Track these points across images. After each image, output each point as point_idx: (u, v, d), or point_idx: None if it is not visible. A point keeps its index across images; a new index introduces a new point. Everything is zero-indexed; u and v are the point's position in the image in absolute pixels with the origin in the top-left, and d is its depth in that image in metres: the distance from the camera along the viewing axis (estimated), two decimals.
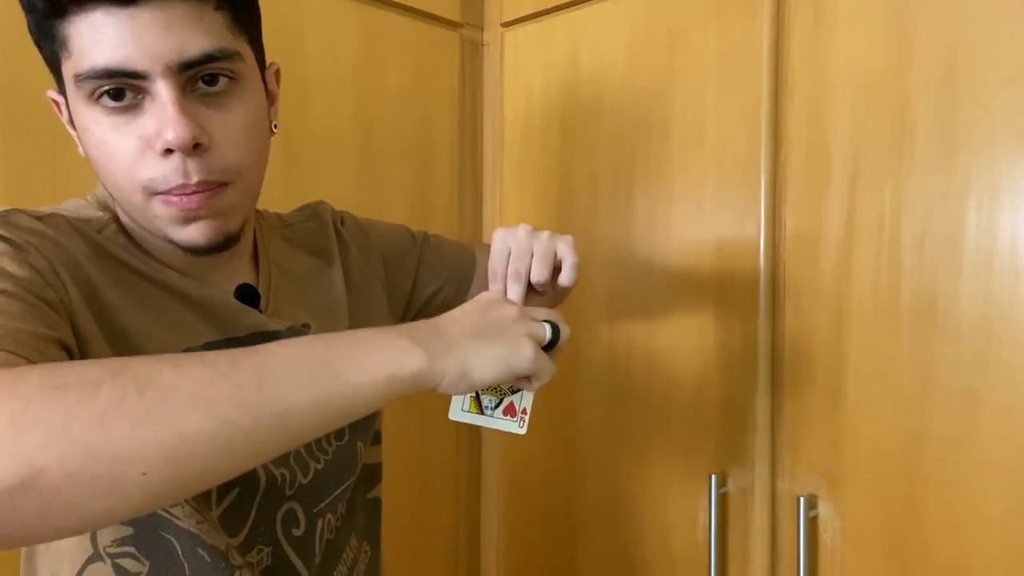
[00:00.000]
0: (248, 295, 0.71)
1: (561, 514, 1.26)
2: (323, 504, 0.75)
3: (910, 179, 0.92)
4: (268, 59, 0.73)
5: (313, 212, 0.89)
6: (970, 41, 0.87)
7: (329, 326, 0.77)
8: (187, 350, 0.64)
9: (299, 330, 0.74)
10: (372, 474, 0.85)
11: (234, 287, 0.72)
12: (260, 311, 0.72)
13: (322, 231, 0.86)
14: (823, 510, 0.98)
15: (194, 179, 0.60)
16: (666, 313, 1.13)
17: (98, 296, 0.61)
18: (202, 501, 0.65)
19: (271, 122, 0.70)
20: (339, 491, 0.77)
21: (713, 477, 1.05)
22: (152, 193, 0.61)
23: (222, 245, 0.65)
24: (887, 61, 0.93)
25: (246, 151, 0.64)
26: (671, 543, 1.14)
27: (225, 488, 0.66)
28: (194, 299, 0.67)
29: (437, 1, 1.31)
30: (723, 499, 1.06)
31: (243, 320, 0.69)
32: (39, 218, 0.62)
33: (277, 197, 1.16)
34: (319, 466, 0.74)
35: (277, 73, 0.73)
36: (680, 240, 1.11)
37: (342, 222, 0.90)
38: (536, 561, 0.98)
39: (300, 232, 0.85)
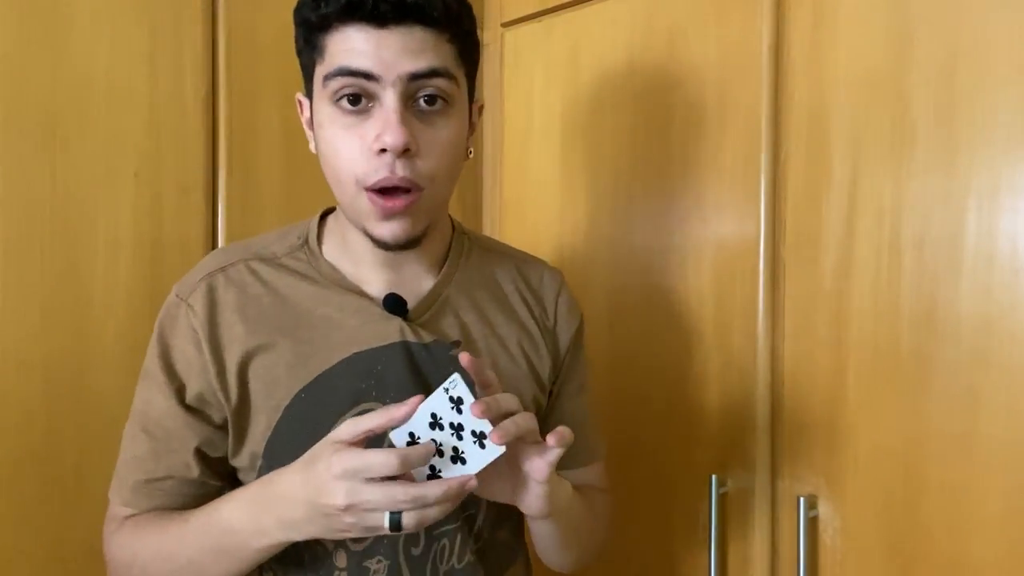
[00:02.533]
0: (396, 304, 0.79)
1: None
2: (442, 528, 0.78)
3: (910, 179, 0.92)
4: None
5: (541, 268, 0.93)
6: (970, 41, 0.87)
7: (482, 350, 0.83)
8: (337, 362, 0.77)
9: (444, 346, 0.80)
10: (500, 515, 0.83)
11: (389, 294, 0.80)
12: (408, 320, 0.79)
13: (529, 286, 0.90)
14: (823, 510, 0.98)
15: (398, 175, 0.71)
16: (666, 313, 1.13)
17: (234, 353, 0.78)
18: None
19: (468, 148, 0.80)
20: (460, 520, 0.79)
21: (713, 477, 1.05)
22: (362, 187, 0.72)
23: (406, 244, 0.75)
24: (887, 61, 0.93)
25: (443, 163, 0.74)
26: (671, 543, 1.14)
27: None
28: (335, 320, 0.78)
29: None
30: (723, 499, 1.06)
31: (385, 329, 0.78)
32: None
33: (277, 197, 1.16)
34: None
35: (480, 108, 0.85)
36: (680, 240, 1.11)
37: (558, 295, 0.92)
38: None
39: (513, 267, 0.90)
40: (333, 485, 0.63)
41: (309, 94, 0.77)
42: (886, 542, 0.94)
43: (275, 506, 0.68)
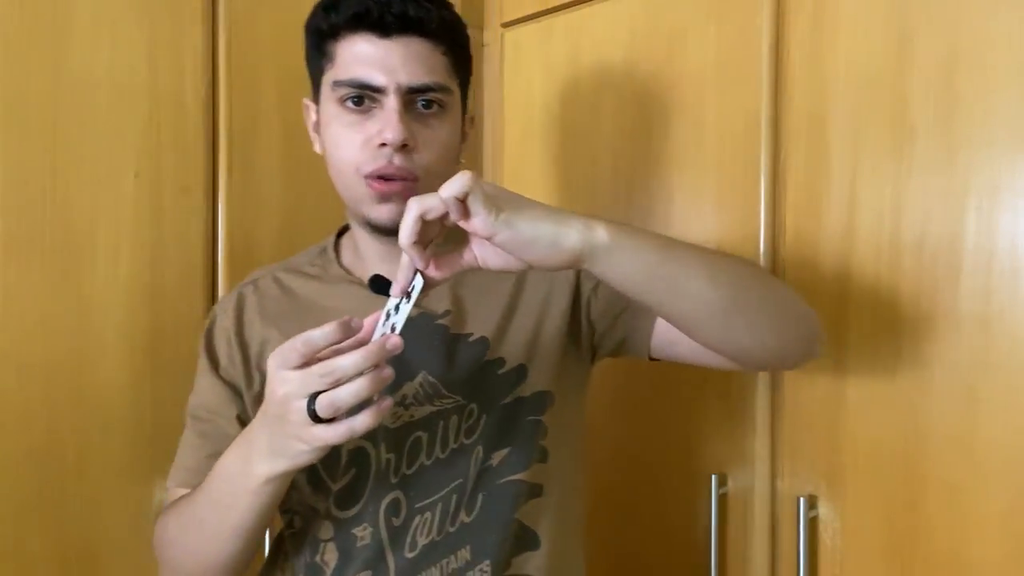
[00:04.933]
0: (380, 284, 0.84)
1: None
2: (427, 501, 0.80)
3: (910, 179, 0.92)
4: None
5: None
6: (970, 41, 0.87)
7: (479, 318, 0.85)
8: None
9: (429, 317, 0.84)
10: (517, 492, 0.82)
11: (373, 275, 0.85)
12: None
13: None
14: (823, 510, 0.98)
15: (394, 165, 0.78)
16: None
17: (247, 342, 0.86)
18: (323, 479, 0.81)
19: (459, 154, 0.87)
20: (445, 491, 0.80)
21: (713, 477, 1.05)
22: (361, 175, 0.79)
23: (393, 228, 0.75)
24: (887, 61, 0.93)
25: (437, 158, 0.81)
26: (671, 543, 1.14)
27: (344, 469, 0.81)
28: (333, 303, 0.84)
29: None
30: (723, 499, 1.06)
31: (369, 307, 0.79)
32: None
33: (277, 197, 1.16)
34: (427, 462, 0.81)
35: (472, 121, 0.91)
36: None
37: None
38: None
39: None
40: (272, 379, 0.65)
41: (316, 98, 0.85)
42: (886, 542, 0.94)
43: (251, 439, 0.70)
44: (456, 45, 0.83)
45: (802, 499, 0.97)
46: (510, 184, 1.33)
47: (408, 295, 0.67)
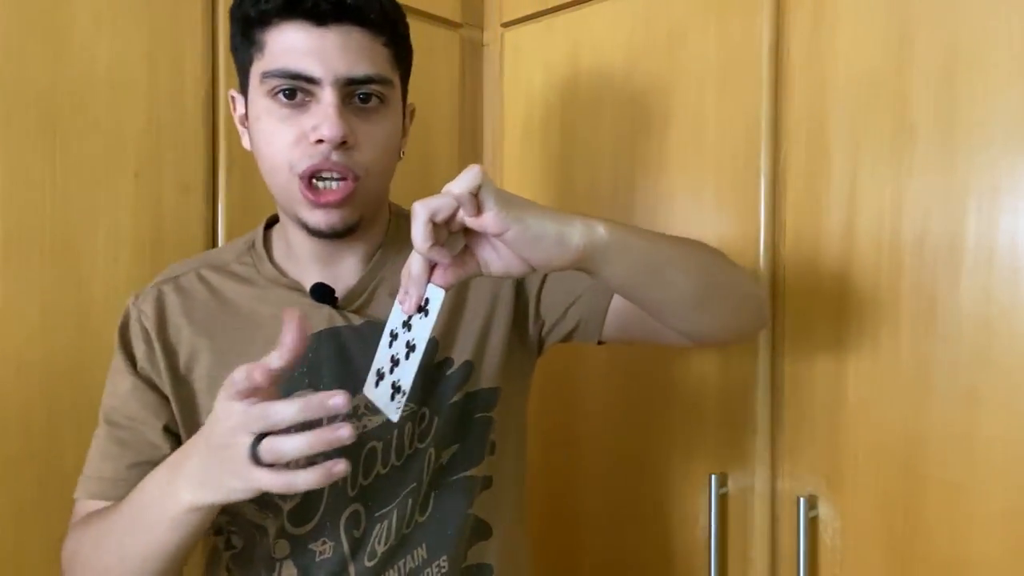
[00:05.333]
0: (323, 293, 0.80)
1: (561, 514, 1.26)
2: (385, 508, 0.79)
3: (910, 179, 0.92)
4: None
5: None
6: (970, 41, 0.87)
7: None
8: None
9: (375, 326, 0.77)
10: (470, 487, 0.82)
11: (316, 283, 0.81)
12: (337, 308, 0.81)
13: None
14: (823, 510, 0.98)
15: (331, 161, 0.73)
16: None
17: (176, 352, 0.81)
18: (272, 499, 0.77)
19: (401, 149, 0.83)
20: (401, 497, 0.79)
21: (713, 477, 1.05)
22: (295, 173, 0.74)
23: (341, 233, 0.77)
24: (887, 61, 0.93)
25: (379, 156, 0.77)
26: (671, 543, 1.14)
27: None
28: (271, 317, 0.80)
29: (437, 1, 1.31)
30: (723, 499, 1.06)
31: (315, 318, 0.80)
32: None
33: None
34: (383, 471, 0.79)
35: (412, 113, 0.87)
36: None
37: None
38: (536, 561, 0.98)
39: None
40: (219, 407, 0.63)
41: (244, 90, 0.79)
42: (886, 542, 0.94)
43: (181, 463, 0.67)
44: (397, 35, 0.78)
45: (802, 499, 0.97)
46: (509, 184, 1.33)
47: (425, 310, 0.63)
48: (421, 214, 0.60)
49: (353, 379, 0.76)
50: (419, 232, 0.60)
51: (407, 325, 0.64)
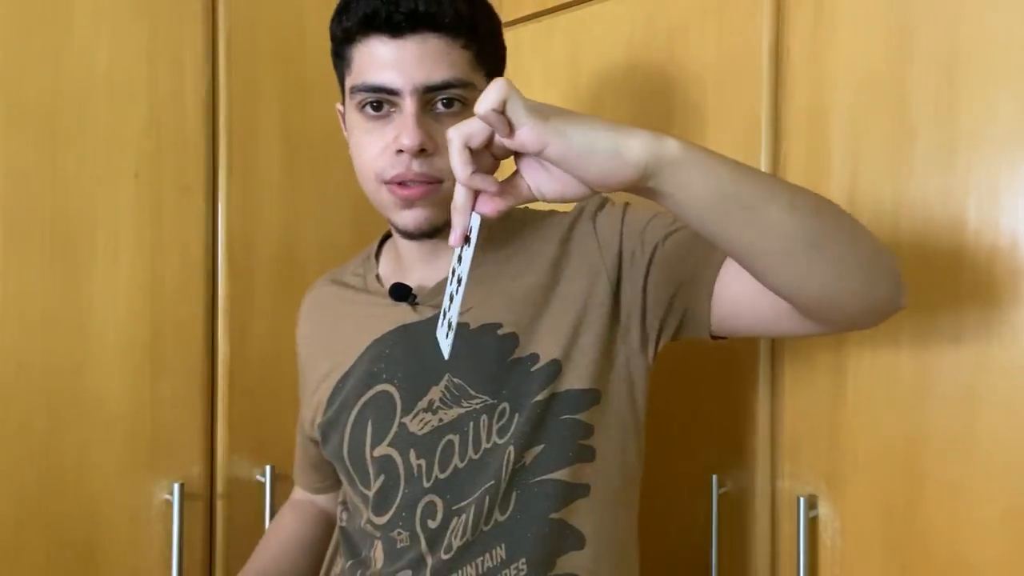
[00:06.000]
0: (401, 292, 0.84)
1: None
2: (463, 503, 0.79)
3: (910, 179, 0.92)
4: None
5: (563, 213, 0.87)
6: (970, 41, 0.87)
7: (510, 311, 0.81)
8: (360, 353, 0.86)
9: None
10: (557, 492, 0.79)
11: (393, 284, 0.86)
12: (412, 305, 0.84)
13: (554, 221, 0.86)
14: (823, 510, 0.98)
15: (413, 171, 0.77)
16: None
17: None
18: (359, 486, 0.84)
19: None
20: (479, 493, 0.78)
21: (713, 477, 1.05)
22: (382, 181, 0.79)
23: (428, 233, 0.81)
24: (887, 61, 0.93)
25: None
26: (671, 543, 1.14)
27: (374, 476, 0.83)
28: (348, 319, 0.89)
29: None
30: (723, 499, 1.06)
31: (389, 315, 0.85)
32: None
33: (277, 197, 1.16)
34: (460, 464, 0.79)
35: None
36: None
37: (599, 209, 0.85)
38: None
39: (525, 223, 0.86)
40: None
41: (344, 102, 0.85)
42: (886, 542, 0.94)
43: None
44: (477, 36, 0.79)
45: (802, 499, 0.97)
46: None
47: (467, 239, 0.61)
48: (456, 141, 0.59)
49: (425, 371, 0.80)
50: (456, 160, 0.59)
51: (459, 259, 0.63)
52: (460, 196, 0.61)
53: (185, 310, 1.07)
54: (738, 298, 0.76)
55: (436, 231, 0.81)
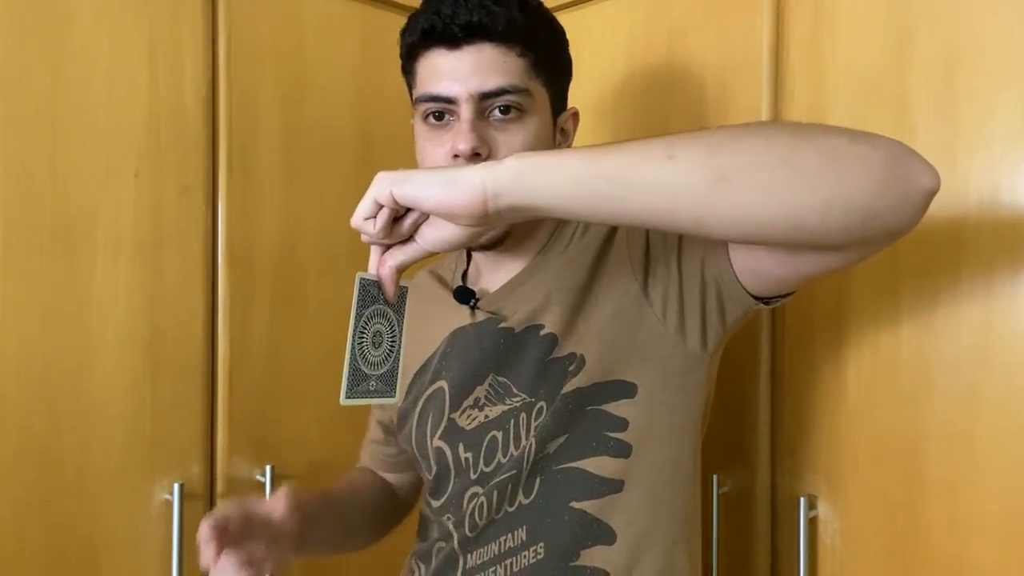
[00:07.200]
0: (464, 295, 0.88)
1: None
2: (484, 487, 0.83)
3: None
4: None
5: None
6: (970, 41, 0.87)
7: (550, 313, 0.83)
8: (433, 350, 0.90)
9: (493, 320, 0.86)
10: (582, 481, 0.79)
11: (457, 286, 0.90)
12: (472, 308, 0.87)
13: (593, 227, 0.87)
14: (823, 510, 0.98)
15: None
16: None
17: None
18: (426, 468, 0.89)
19: None
20: (501, 478, 0.81)
21: (714, 477, 1.05)
22: None
23: (486, 245, 0.84)
24: (887, 61, 0.93)
25: None
26: None
27: (431, 465, 0.88)
28: (430, 314, 0.90)
29: None
30: (723, 499, 1.06)
31: (452, 316, 0.89)
32: None
33: (277, 197, 1.16)
34: (503, 460, 0.82)
35: (575, 116, 0.90)
36: None
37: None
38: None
39: (566, 229, 0.89)
40: None
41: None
42: (886, 542, 0.94)
43: None
44: (533, 44, 0.81)
45: (802, 499, 0.97)
46: None
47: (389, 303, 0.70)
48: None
49: (473, 370, 0.85)
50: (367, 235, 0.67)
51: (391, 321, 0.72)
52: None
53: (185, 310, 1.07)
54: (752, 250, 0.73)
55: (496, 242, 0.84)
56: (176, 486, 1.03)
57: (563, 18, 1.26)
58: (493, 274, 0.90)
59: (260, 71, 1.14)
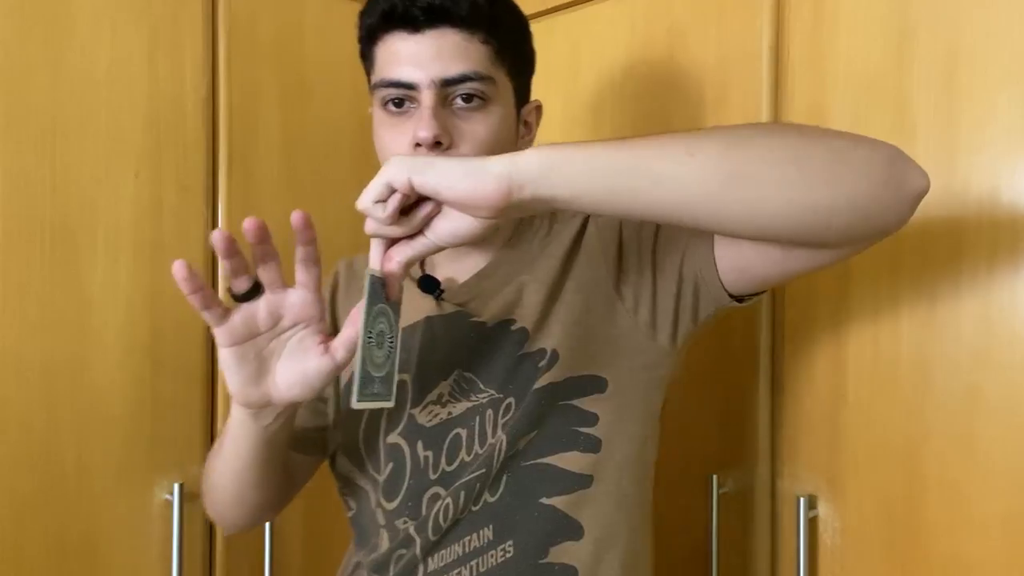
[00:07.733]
0: (427, 284, 0.84)
1: None
2: (456, 484, 0.79)
3: None
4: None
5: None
6: (970, 41, 0.87)
7: (523, 307, 0.81)
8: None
9: (464, 314, 0.82)
10: (551, 477, 0.78)
11: (422, 275, 0.86)
12: (437, 299, 0.84)
13: (566, 221, 0.86)
14: (823, 510, 0.98)
15: None
16: None
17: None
18: (370, 471, 0.83)
19: (514, 146, 0.81)
20: (469, 477, 0.78)
21: (713, 477, 1.05)
22: None
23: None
24: (887, 61, 0.93)
25: (481, 153, 0.75)
26: (671, 543, 1.14)
27: (384, 463, 0.82)
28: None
29: None
30: (723, 499, 1.06)
31: (419, 306, 0.84)
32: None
33: (277, 197, 1.16)
34: (467, 458, 0.79)
35: (538, 109, 0.88)
36: None
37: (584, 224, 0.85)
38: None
39: (538, 225, 0.87)
40: None
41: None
42: (886, 542, 0.94)
43: None
44: (497, 32, 0.78)
45: (802, 499, 0.97)
46: None
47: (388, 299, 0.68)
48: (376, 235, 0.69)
49: (437, 364, 0.81)
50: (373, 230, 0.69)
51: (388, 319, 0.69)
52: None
53: (185, 310, 1.06)
54: (741, 248, 0.73)
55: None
56: (176, 486, 1.03)
57: (563, 18, 1.27)
58: (455, 263, 0.86)
59: (260, 70, 1.14)
